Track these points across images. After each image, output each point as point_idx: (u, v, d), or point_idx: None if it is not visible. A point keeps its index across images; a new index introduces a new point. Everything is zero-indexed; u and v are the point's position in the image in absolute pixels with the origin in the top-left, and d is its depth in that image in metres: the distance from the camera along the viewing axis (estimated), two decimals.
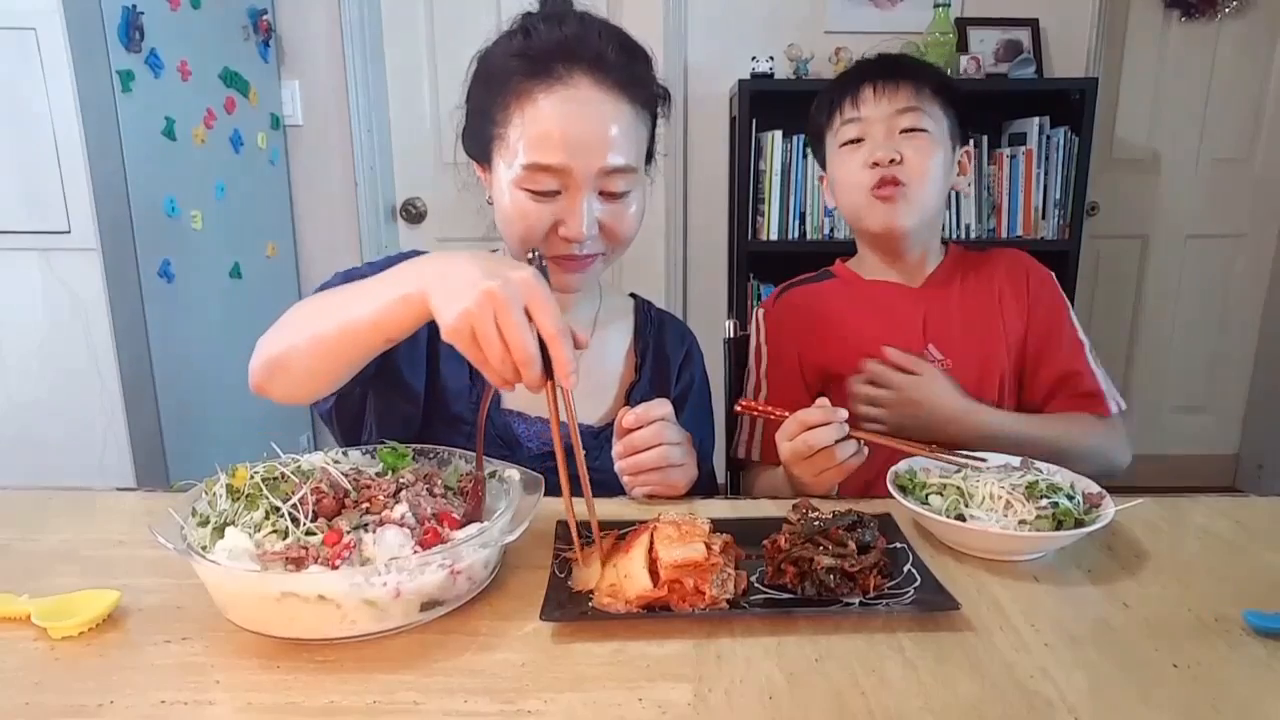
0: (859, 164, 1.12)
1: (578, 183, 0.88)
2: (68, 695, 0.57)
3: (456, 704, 0.56)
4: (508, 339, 0.64)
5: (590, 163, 0.87)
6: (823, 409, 0.89)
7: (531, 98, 0.87)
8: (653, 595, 0.66)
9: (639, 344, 1.10)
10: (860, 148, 1.12)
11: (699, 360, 1.15)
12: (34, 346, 1.87)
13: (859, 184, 1.12)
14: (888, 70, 1.13)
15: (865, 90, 1.12)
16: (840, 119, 1.15)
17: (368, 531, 0.67)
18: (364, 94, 2.65)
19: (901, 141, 1.10)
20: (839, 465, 0.88)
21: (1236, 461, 3.19)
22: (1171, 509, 0.89)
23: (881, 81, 1.12)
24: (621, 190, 0.91)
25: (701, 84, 2.72)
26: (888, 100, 1.11)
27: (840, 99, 1.15)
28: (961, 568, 0.76)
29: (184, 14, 2.11)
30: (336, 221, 2.75)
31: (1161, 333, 3.06)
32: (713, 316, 2.84)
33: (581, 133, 0.87)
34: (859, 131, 1.13)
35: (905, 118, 1.11)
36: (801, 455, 0.89)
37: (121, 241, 1.90)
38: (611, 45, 0.90)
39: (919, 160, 1.10)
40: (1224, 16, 2.79)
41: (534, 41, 0.89)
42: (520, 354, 0.64)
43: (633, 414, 0.88)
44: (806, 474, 0.91)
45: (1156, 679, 0.59)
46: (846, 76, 1.18)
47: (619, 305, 1.13)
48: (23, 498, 0.92)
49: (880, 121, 1.11)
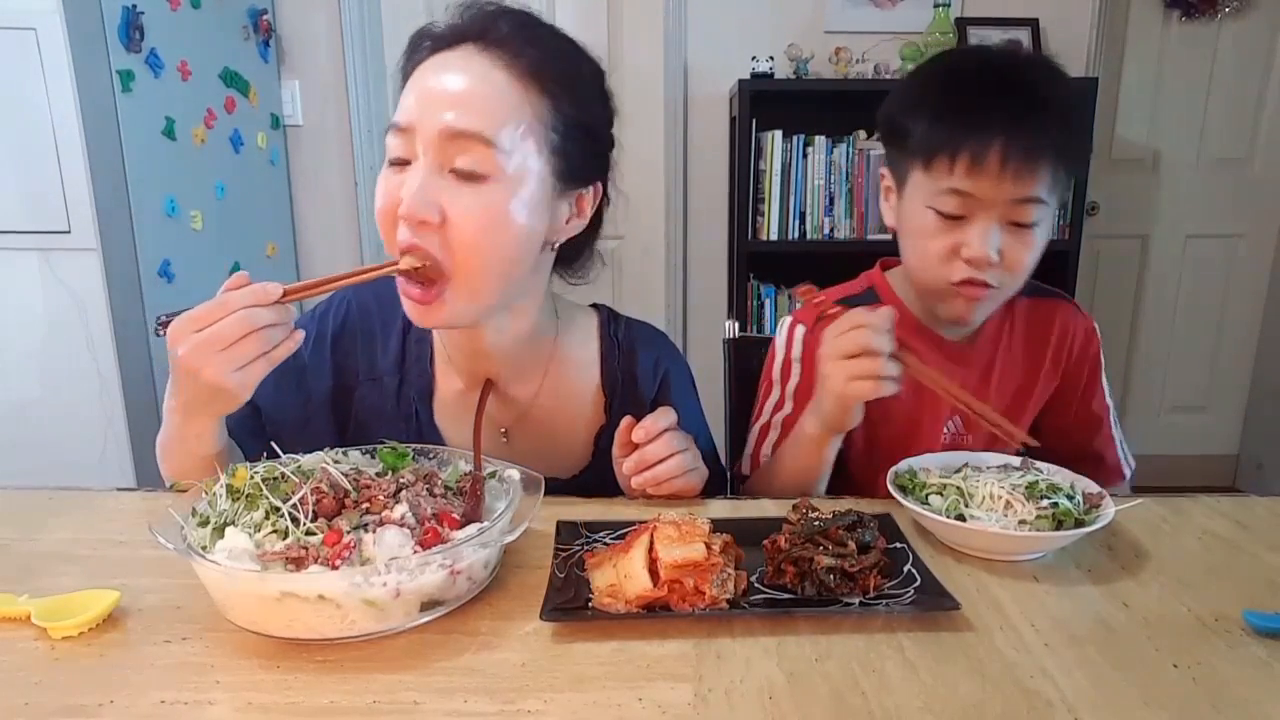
0: (948, 248, 0.91)
1: (419, 146, 0.76)
2: (67, 695, 0.57)
3: (456, 704, 0.56)
4: (202, 340, 0.71)
5: (431, 120, 0.75)
6: (884, 318, 0.83)
7: (418, 68, 0.80)
8: (653, 595, 0.66)
9: (606, 379, 0.97)
10: (954, 227, 0.91)
11: (679, 377, 1.02)
12: (34, 346, 1.87)
13: (941, 273, 0.92)
14: (1028, 138, 0.86)
15: (991, 158, 0.86)
16: (946, 179, 0.89)
17: (368, 531, 0.67)
18: (364, 94, 2.66)
19: (1007, 234, 0.90)
20: (876, 379, 0.82)
21: (1236, 461, 3.19)
22: (1171, 509, 0.89)
23: (1016, 159, 0.86)
24: (472, 169, 0.75)
25: (701, 84, 2.72)
26: (1012, 183, 0.87)
27: (955, 148, 0.88)
28: (961, 568, 0.76)
29: (184, 14, 2.11)
30: (336, 221, 2.75)
31: (1161, 333, 3.06)
32: (713, 316, 2.85)
33: (432, 88, 0.77)
34: (962, 209, 0.90)
35: (1023, 210, 0.89)
36: (847, 353, 0.82)
37: (121, 241, 1.90)
38: (505, 20, 0.80)
39: (1020, 258, 0.91)
40: (1224, 16, 2.79)
41: (444, 21, 0.82)
42: (219, 338, 0.71)
43: (641, 429, 0.85)
44: (839, 376, 0.84)
45: (1156, 679, 0.59)
46: (971, 110, 0.88)
47: (579, 331, 0.98)
48: (23, 498, 0.92)
49: (994, 207, 0.89)
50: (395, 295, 0.84)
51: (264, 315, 0.72)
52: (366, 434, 0.91)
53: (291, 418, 0.94)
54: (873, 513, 0.77)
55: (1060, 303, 1.09)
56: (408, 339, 0.95)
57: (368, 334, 0.95)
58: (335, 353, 0.95)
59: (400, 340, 0.95)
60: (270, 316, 0.72)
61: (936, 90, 0.94)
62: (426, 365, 0.94)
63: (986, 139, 0.86)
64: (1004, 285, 0.93)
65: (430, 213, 0.75)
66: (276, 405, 0.95)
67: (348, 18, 2.60)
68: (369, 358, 0.95)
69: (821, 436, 0.93)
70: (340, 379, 0.95)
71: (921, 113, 0.92)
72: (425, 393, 0.94)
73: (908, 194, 0.96)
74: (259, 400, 0.93)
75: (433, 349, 0.95)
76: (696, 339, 2.84)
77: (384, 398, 0.94)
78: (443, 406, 0.95)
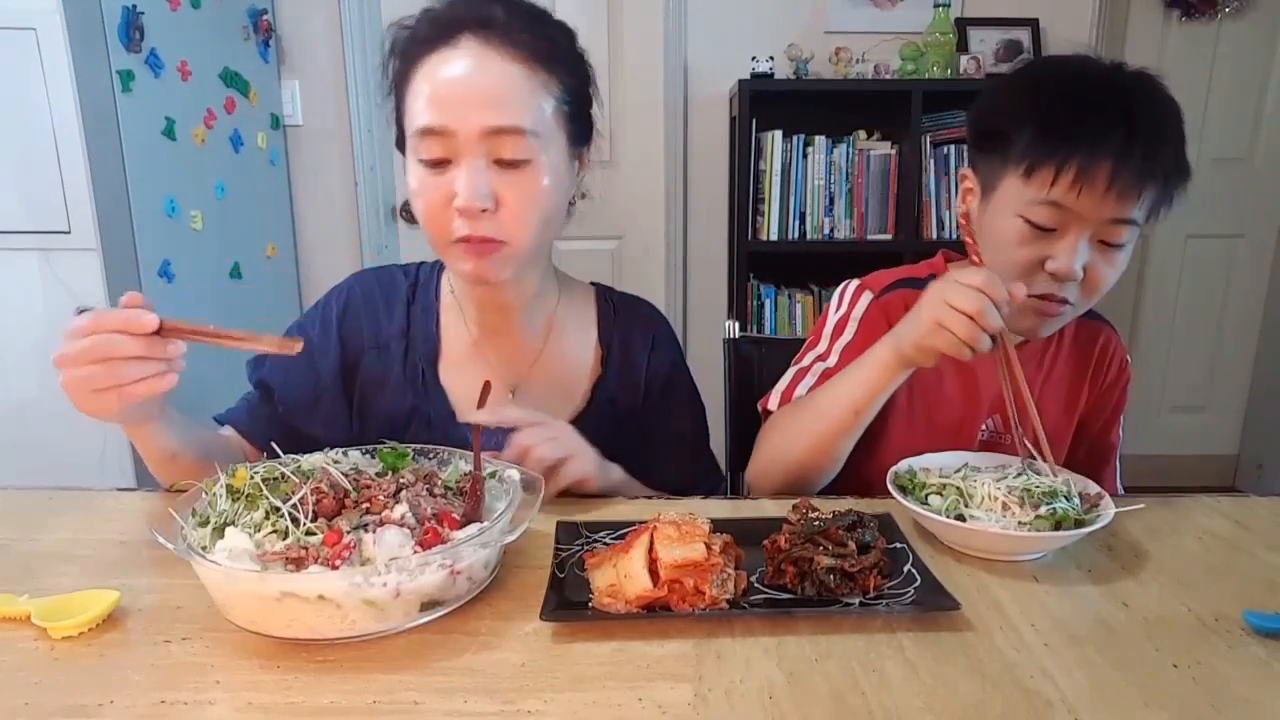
0: (1032, 260, 0.89)
1: (461, 146, 0.83)
2: (67, 695, 0.57)
3: (456, 704, 0.56)
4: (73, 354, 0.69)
5: (471, 122, 0.82)
6: (1004, 294, 0.81)
7: (419, 66, 0.85)
8: (653, 595, 0.66)
9: (603, 336, 1.05)
10: (1043, 239, 0.89)
11: (672, 345, 1.09)
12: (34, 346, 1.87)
13: (1020, 281, 0.87)
14: (1140, 161, 0.84)
15: (1098, 177, 0.83)
16: (1046, 191, 0.86)
17: (368, 531, 0.67)
18: (364, 94, 2.66)
19: (1095, 253, 0.89)
20: (965, 345, 0.80)
21: (1236, 461, 3.19)
22: (1171, 509, 0.89)
23: (1124, 180, 0.84)
24: (516, 157, 0.84)
25: (701, 84, 2.72)
26: (1115, 204, 0.85)
27: (1063, 161, 0.85)
28: (961, 568, 0.76)
29: (184, 14, 2.11)
30: (336, 221, 2.75)
31: (1161, 333, 3.06)
32: (713, 316, 2.84)
33: (460, 92, 0.83)
34: (1055, 222, 0.87)
35: (1116, 230, 0.88)
36: (960, 307, 0.80)
37: (121, 241, 1.90)
38: (501, 7, 0.85)
39: (1104, 277, 0.90)
40: (1224, 16, 2.79)
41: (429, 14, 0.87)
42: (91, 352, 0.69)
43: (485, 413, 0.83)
44: (943, 317, 0.81)
45: (1156, 679, 0.59)
46: (1086, 125, 0.85)
47: (579, 299, 1.07)
48: (23, 498, 0.92)
49: (1089, 224, 0.87)
50: (394, 275, 1.03)
51: (125, 345, 0.69)
52: (374, 400, 0.99)
53: (304, 397, 0.99)
54: (873, 513, 0.77)
55: (1105, 327, 1.10)
56: (412, 309, 1.02)
57: (371, 309, 1.02)
58: (341, 330, 1.00)
59: (405, 310, 1.02)
60: (134, 348, 0.69)
61: (1046, 99, 0.89)
62: (432, 329, 1.01)
63: (1098, 157, 0.84)
64: (1079, 305, 0.93)
65: (488, 202, 0.84)
66: (287, 386, 0.99)
67: (348, 18, 2.60)
68: (374, 328, 1.01)
69: (891, 362, 0.89)
70: (347, 353, 1.00)
71: (1027, 121, 0.88)
72: (431, 354, 1.01)
73: (997, 200, 0.93)
74: (272, 383, 0.99)
75: (438, 314, 1.02)
76: (696, 339, 2.84)
77: (390, 362, 1.00)
78: (448, 365, 1.01)
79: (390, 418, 0.99)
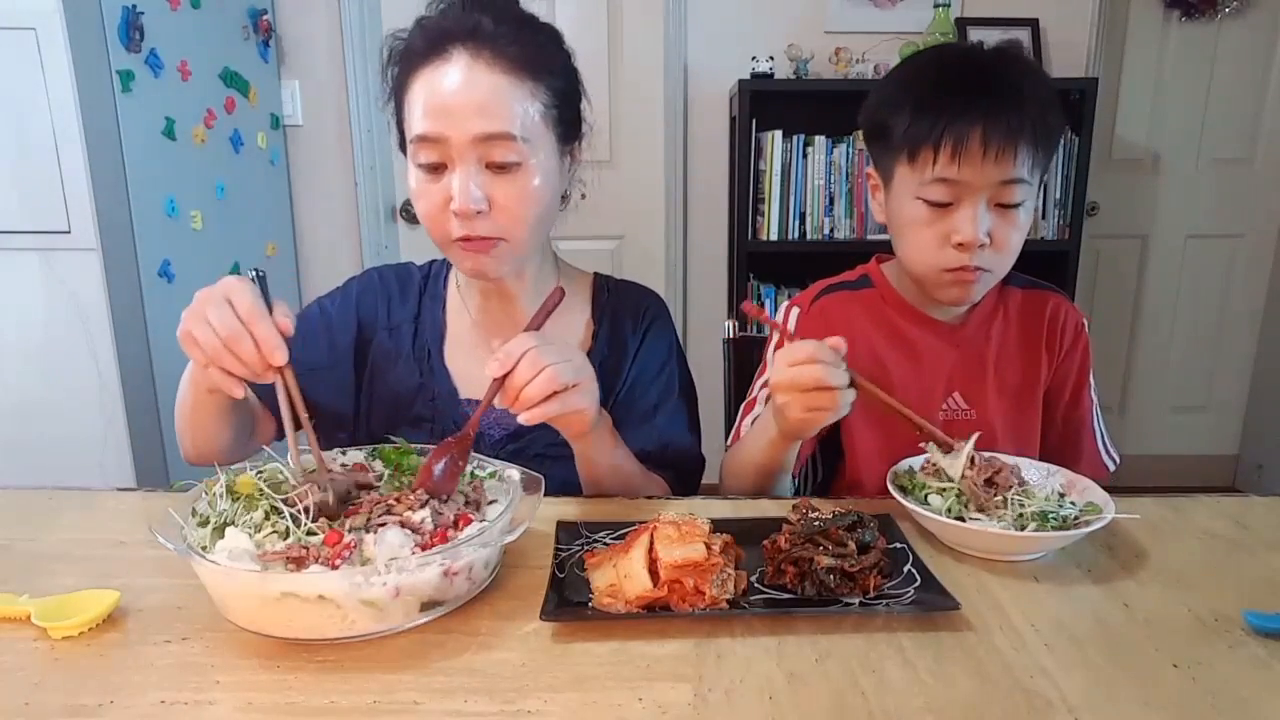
0: (939, 236, 0.95)
1: (454, 153, 0.89)
2: (68, 695, 0.57)
3: (456, 704, 0.56)
4: (212, 323, 0.73)
5: (463, 130, 0.87)
6: (835, 349, 0.84)
7: (416, 77, 0.91)
8: (653, 595, 0.66)
9: (595, 310, 1.09)
10: (943, 215, 0.94)
11: (665, 324, 1.11)
12: (34, 346, 1.87)
13: (934, 260, 0.96)
14: (1007, 122, 0.90)
15: (973, 143, 0.90)
16: (931, 170, 0.93)
17: (368, 531, 0.67)
18: (364, 94, 2.65)
19: (994, 217, 0.94)
20: (833, 410, 0.84)
21: (1236, 461, 3.18)
22: (1171, 509, 0.89)
23: (997, 141, 0.90)
24: (506, 160, 0.89)
25: (701, 84, 2.72)
26: (995, 165, 0.91)
27: (938, 138, 0.91)
28: (961, 568, 0.76)
29: (184, 14, 2.11)
30: (336, 221, 2.75)
31: (1161, 333, 3.06)
32: (713, 316, 2.84)
33: (451, 100, 0.88)
34: (950, 196, 0.93)
35: (1008, 191, 0.93)
36: (803, 386, 0.83)
37: (121, 241, 1.90)
38: (488, 17, 0.90)
39: (1008, 238, 0.95)
40: (1224, 16, 2.79)
41: (423, 25, 0.92)
42: (223, 331, 0.73)
43: (494, 361, 0.80)
44: (797, 407, 0.85)
45: (1156, 679, 0.59)
46: (951, 102, 0.92)
47: (578, 284, 1.11)
48: (23, 498, 0.92)
49: (980, 190, 0.92)
50: (410, 269, 1.12)
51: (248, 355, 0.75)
52: (384, 375, 1.05)
53: (319, 361, 1.04)
54: (873, 513, 0.77)
55: (1051, 294, 1.11)
56: (423, 297, 1.10)
57: (387, 293, 1.10)
58: (360, 308, 1.08)
59: (417, 298, 1.10)
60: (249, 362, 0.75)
61: (915, 86, 0.97)
62: (439, 315, 1.09)
63: (968, 125, 0.90)
64: (995, 267, 0.97)
65: (481, 204, 0.89)
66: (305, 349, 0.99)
67: (348, 18, 2.60)
68: (388, 311, 1.09)
69: (778, 439, 0.93)
70: (363, 329, 1.07)
71: (902, 109, 0.95)
72: (437, 337, 1.08)
73: (895, 189, 0.99)
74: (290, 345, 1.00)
75: (445, 303, 1.10)
76: (696, 339, 2.84)
77: (401, 342, 1.07)
78: (452, 348, 1.07)
79: (398, 393, 1.05)
